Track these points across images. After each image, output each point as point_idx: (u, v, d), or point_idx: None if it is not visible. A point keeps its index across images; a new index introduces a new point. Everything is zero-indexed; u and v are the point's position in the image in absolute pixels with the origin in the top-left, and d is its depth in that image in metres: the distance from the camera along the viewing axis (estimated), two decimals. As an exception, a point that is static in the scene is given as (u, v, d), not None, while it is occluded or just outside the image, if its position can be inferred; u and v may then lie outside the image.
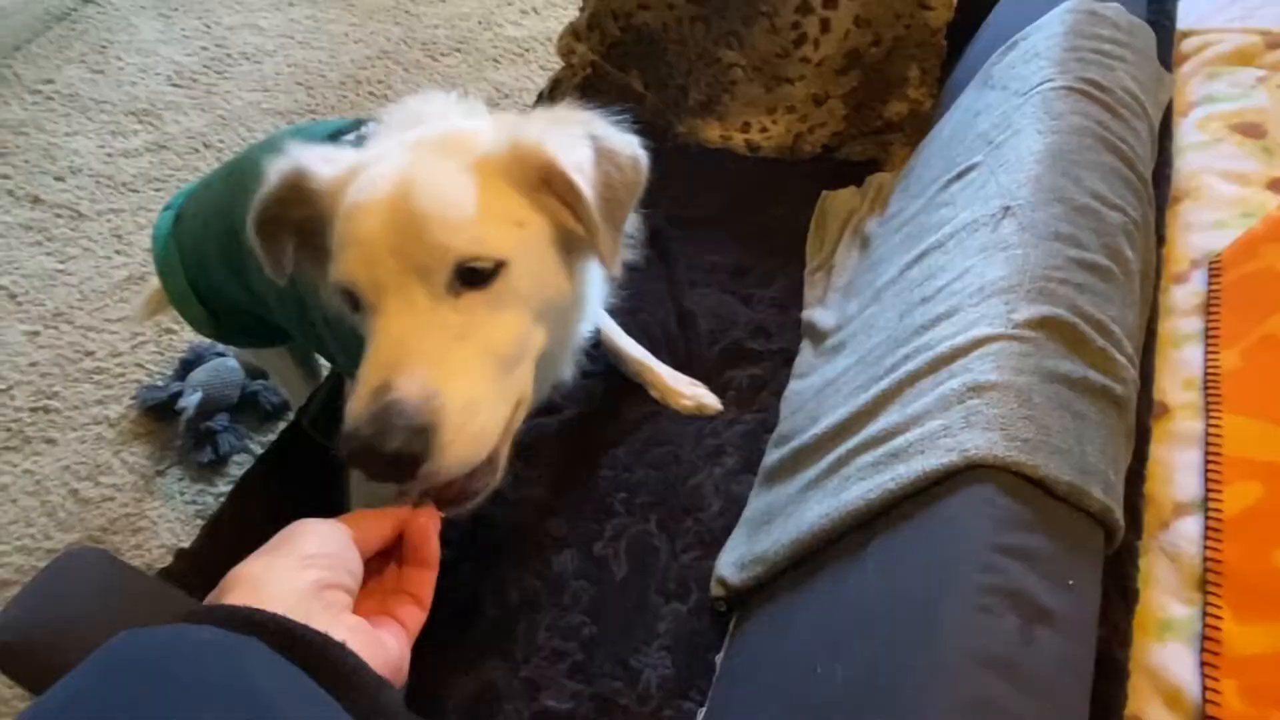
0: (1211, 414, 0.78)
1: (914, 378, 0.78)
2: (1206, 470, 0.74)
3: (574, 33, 1.51)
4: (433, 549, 0.54)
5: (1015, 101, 0.98)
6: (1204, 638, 0.65)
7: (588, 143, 0.66)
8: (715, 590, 0.91)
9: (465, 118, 0.73)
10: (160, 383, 1.57)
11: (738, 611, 0.89)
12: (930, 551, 0.63)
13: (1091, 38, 1.00)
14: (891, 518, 0.70)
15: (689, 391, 1.13)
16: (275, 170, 0.66)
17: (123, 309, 1.72)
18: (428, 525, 0.54)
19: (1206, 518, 0.71)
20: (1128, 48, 1.01)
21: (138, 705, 0.34)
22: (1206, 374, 0.81)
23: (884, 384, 0.81)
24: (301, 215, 0.66)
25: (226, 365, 1.52)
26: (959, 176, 0.99)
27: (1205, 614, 0.66)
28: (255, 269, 0.69)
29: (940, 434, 0.69)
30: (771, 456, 0.98)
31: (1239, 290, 0.85)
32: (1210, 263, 0.90)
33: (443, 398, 0.55)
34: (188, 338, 1.64)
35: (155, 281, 1.03)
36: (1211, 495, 0.72)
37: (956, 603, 0.58)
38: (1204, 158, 1.02)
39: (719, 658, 0.88)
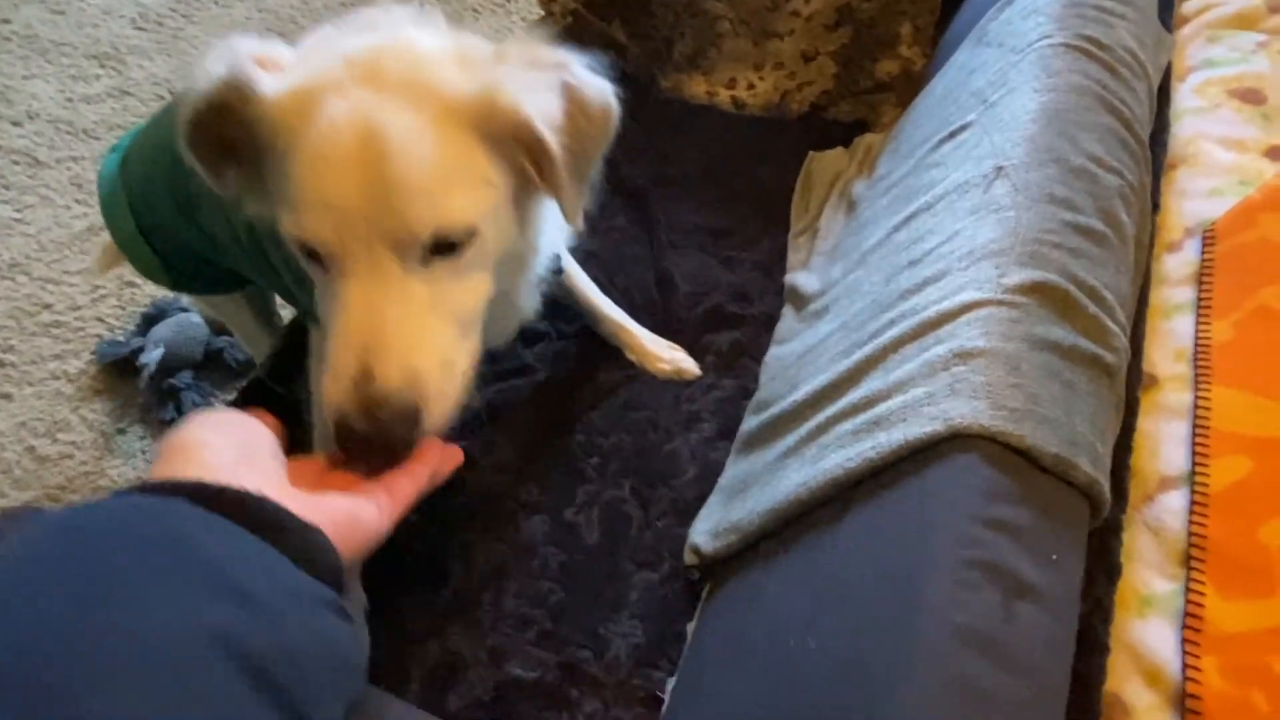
0: (1201, 386, 0.76)
1: (898, 343, 0.75)
2: (1194, 443, 0.72)
3: (555, -20, 1.45)
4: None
5: (1011, 58, 0.94)
6: (1186, 614, 0.63)
7: (559, 91, 0.62)
8: (688, 558, 0.88)
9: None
10: (121, 338, 1.51)
11: (711, 580, 0.87)
12: (911, 523, 0.61)
13: (1092, -6, 0.96)
14: (871, 487, 0.67)
15: (667, 355, 1.10)
16: (205, 75, 0.58)
17: (82, 261, 1.65)
18: None
19: (1193, 492, 0.69)
20: (1129, 5, 0.97)
21: (62, 559, 0.34)
22: (1197, 345, 0.79)
23: (867, 350, 0.78)
24: (236, 136, 0.59)
25: (190, 320, 1.47)
26: (951, 136, 0.95)
27: (1188, 590, 0.64)
28: (205, 206, 0.63)
29: (924, 401, 0.66)
30: (750, 423, 0.95)
31: (1233, 260, 0.82)
32: (1204, 231, 0.87)
33: (423, 377, 0.56)
34: (150, 291, 1.57)
35: (110, 231, 0.98)
36: (1198, 469, 0.70)
37: (937, 576, 0.55)
38: (1201, 123, 0.99)
39: (691, 627, 0.86)
